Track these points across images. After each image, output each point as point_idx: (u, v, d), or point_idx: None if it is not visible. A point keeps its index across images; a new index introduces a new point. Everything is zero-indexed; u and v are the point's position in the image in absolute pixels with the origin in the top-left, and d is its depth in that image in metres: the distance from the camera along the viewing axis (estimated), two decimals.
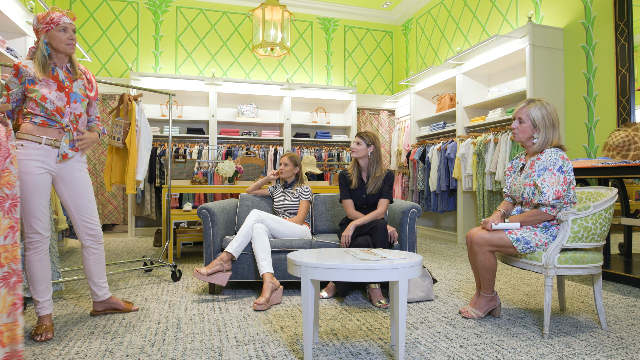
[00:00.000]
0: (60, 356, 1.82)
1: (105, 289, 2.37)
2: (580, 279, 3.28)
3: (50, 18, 2.07)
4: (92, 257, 2.31)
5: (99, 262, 2.33)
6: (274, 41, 4.31)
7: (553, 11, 4.27)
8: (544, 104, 2.19)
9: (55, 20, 2.07)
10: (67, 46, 2.12)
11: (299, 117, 6.68)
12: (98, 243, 2.32)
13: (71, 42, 2.13)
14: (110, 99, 6.04)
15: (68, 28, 2.11)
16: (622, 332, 2.09)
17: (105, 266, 2.42)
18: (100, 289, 2.35)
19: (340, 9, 6.94)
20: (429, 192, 5.60)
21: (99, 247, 2.32)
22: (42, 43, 2.08)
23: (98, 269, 2.33)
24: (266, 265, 2.68)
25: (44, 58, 2.09)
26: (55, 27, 2.08)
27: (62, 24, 2.09)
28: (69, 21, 2.13)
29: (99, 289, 2.34)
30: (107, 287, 2.38)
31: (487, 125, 4.82)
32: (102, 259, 2.36)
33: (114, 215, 6.04)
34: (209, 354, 1.84)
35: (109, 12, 6.05)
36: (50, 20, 2.07)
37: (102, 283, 2.36)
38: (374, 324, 2.24)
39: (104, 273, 2.37)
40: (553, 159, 2.09)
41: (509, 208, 2.38)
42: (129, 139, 3.07)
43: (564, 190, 2.05)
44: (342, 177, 3.00)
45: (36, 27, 2.09)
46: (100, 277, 2.34)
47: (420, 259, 1.77)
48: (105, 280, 2.38)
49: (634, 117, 3.48)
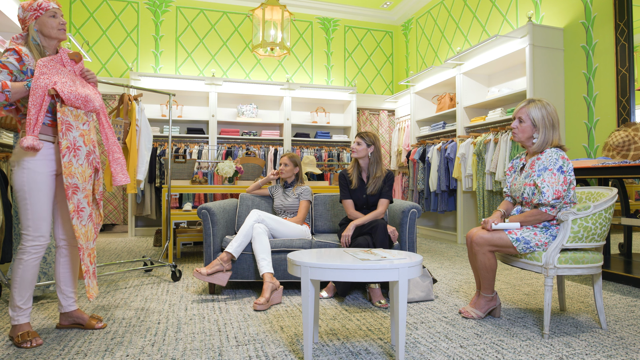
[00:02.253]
0: (60, 356, 1.82)
1: (72, 300, 2.17)
2: (580, 279, 3.28)
3: (37, 4, 1.98)
4: (64, 259, 2.15)
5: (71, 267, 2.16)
6: (274, 41, 4.31)
7: (553, 11, 4.27)
8: (544, 104, 2.19)
9: (43, 6, 1.99)
10: (59, 31, 2.03)
11: (299, 117, 6.68)
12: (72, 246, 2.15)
13: (62, 27, 2.05)
14: (111, 99, 6.04)
15: (57, 13, 2.03)
16: (622, 332, 2.09)
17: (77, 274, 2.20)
18: (66, 298, 2.16)
19: (340, 9, 6.94)
20: (429, 192, 5.60)
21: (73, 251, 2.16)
22: (34, 31, 1.99)
23: (68, 275, 2.16)
24: (266, 265, 2.68)
25: (39, 47, 2.00)
26: (44, 12, 1.99)
27: (52, 9, 2.01)
28: (57, 6, 2.04)
29: (64, 299, 2.15)
30: (73, 298, 2.17)
31: (487, 125, 4.82)
32: (75, 265, 2.18)
33: (114, 215, 6.04)
34: (209, 354, 1.84)
35: (109, 12, 6.05)
36: (37, 6, 1.98)
37: (70, 292, 2.17)
38: (374, 324, 2.24)
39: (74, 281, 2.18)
40: (553, 158, 2.09)
41: (509, 208, 2.38)
42: (129, 138, 3.07)
43: (563, 190, 2.05)
44: (342, 177, 3.00)
45: (23, 15, 1.99)
46: (68, 284, 2.16)
47: (420, 259, 1.77)
48: (74, 290, 2.19)
49: (634, 117, 3.48)
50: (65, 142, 1.96)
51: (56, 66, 2.01)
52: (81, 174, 2.04)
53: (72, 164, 1.99)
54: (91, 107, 2.09)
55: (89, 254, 2.08)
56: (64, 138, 1.95)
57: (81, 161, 2.04)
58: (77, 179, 2.01)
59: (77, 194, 2.02)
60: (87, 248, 2.06)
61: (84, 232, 2.05)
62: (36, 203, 1.95)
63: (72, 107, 2.01)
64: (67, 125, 1.98)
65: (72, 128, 2.00)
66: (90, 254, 2.10)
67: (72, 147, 1.99)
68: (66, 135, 1.97)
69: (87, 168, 2.08)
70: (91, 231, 2.11)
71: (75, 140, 2.01)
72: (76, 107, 2.02)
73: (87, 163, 2.08)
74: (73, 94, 1.99)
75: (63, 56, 2.07)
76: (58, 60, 2.04)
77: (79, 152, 2.03)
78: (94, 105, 2.11)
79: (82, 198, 2.04)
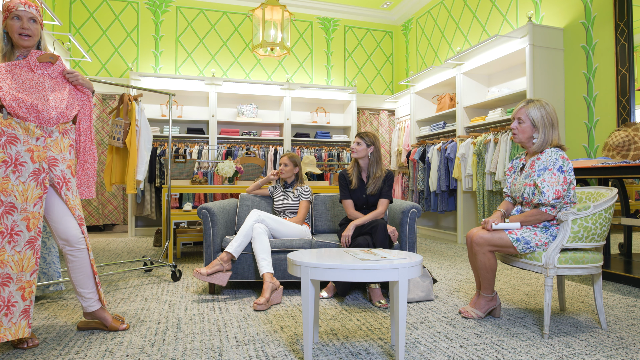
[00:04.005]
0: (60, 356, 1.82)
1: (91, 300, 2.08)
2: (580, 279, 3.28)
3: (7, 5, 1.88)
4: (71, 264, 2.02)
5: (80, 270, 2.04)
6: (274, 41, 4.31)
7: (553, 11, 4.27)
8: (542, 104, 2.19)
9: (10, 7, 1.88)
10: (18, 36, 1.90)
11: (299, 117, 6.68)
12: (75, 249, 2.01)
13: (23, 31, 1.90)
14: (110, 99, 6.04)
15: (22, 16, 1.89)
16: (622, 332, 2.09)
17: (91, 274, 2.08)
18: (84, 299, 2.07)
19: (340, 9, 6.94)
20: (429, 192, 5.60)
21: (76, 254, 2.02)
22: (1, 32, 1.93)
23: (79, 277, 2.04)
24: (266, 265, 2.68)
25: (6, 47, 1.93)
26: (9, 14, 1.88)
27: (15, 12, 1.88)
28: (23, 8, 1.90)
29: (83, 300, 2.08)
30: (93, 299, 2.09)
31: (487, 125, 4.82)
32: (84, 266, 2.04)
33: (114, 215, 6.04)
34: (209, 354, 1.84)
35: (109, 12, 6.05)
36: (6, 7, 1.88)
37: (87, 293, 2.07)
38: (374, 324, 2.24)
39: (89, 282, 2.07)
40: (553, 158, 2.09)
41: (509, 208, 2.38)
42: (129, 139, 3.07)
43: (564, 190, 2.05)
44: (342, 177, 3.00)
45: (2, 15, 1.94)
46: (83, 286, 2.06)
47: (420, 259, 1.77)
48: (93, 290, 2.09)
49: (634, 117, 3.48)
50: (2, 154, 1.80)
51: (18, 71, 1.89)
52: (21, 192, 1.83)
53: (8, 179, 1.81)
54: (44, 118, 1.91)
55: (21, 287, 1.82)
56: (1, 150, 1.80)
57: (23, 179, 1.84)
58: (15, 198, 1.82)
59: (13, 215, 1.81)
60: (17, 280, 1.81)
61: (17, 260, 1.81)
62: None
63: (17, 118, 1.85)
64: (10, 137, 1.82)
65: (17, 142, 1.84)
66: (23, 287, 1.83)
67: (12, 162, 1.82)
68: (5, 148, 1.80)
69: (34, 188, 1.87)
70: (30, 260, 1.86)
71: (18, 155, 1.84)
72: (21, 117, 1.86)
73: (35, 182, 1.87)
74: (16, 102, 1.84)
75: (31, 60, 1.95)
76: (24, 65, 1.93)
77: (21, 168, 1.84)
78: (47, 115, 1.92)
79: (20, 220, 1.83)
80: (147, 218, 5.99)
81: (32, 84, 1.93)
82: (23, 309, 1.83)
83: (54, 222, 1.98)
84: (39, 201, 1.88)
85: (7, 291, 1.79)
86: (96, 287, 2.10)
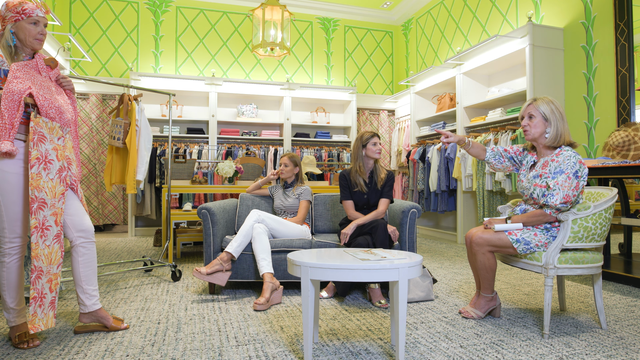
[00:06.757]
0: (60, 356, 1.82)
1: (95, 298, 2.08)
2: (580, 279, 3.28)
3: (22, 8, 1.92)
4: (82, 257, 2.04)
5: (89, 265, 2.07)
6: (274, 41, 4.31)
7: (553, 11, 4.27)
8: (549, 99, 2.19)
9: (27, 12, 1.92)
10: (35, 40, 1.96)
11: (299, 117, 6.68)
12: (89, 241, 2.07)
13: (41, 37, 1.97)
14: (110, 99, 6.04)
15: (40, 22, 1.96)
16: (622, 332, 2.09)
17: (96, 271, 2.11)
18: (89, 297, 2.07)
19: (340, 9, 6.94)
20: (429, 192, 5.60)
21: (89, 246, 2.07)
22: (8, 32, 1.92)
23: (88, 272, 2.06)
24: (266, 265, 2.68)
25: (10, 48, 1.94)
26: (26, 18, 1.92)
27: (35, 17, 1.94)
28: (42, 15, 1.97)
29: (87, 298, 2.06)
30: (97, 297, 2.10)
31: (487, 125, 4.82)
32: (93, 261, 2.08)
33: (114, 215, 6.04)
34: (209, 354, 1.84)
35: (109, 12, 6.05)
36: (22, 10, 1.91)
37: (92, 290, 2.08)
38: (374, 324, 2.24)
39: (94, 279, 2.08)
40: (571, 162, 2.05)
41: (480, 151, 2.55)
42: (129, 139, 3.07)
43: (573, 196, 2.02)
44: (342, 177, 3.00)
45: (4, 14, 1.92)
46: (89, 282, 2.07)
47: (420, 259, 1.77)
48: (96, 288, 2.10)
49: (634, 117, 3.48)
50: (35, 152, 1.85)
51: (30, 72, 1.93)
52: (50, 189, 1.90)
53: (40, 176, 1.87)
54: (65, 119, 2.00)
55: (49, 279, 1.90)
56: (34, 148, 1.85)
57: (52, 175, 1.91)
58: (46, 194, 1.88)
59: (44, 210, 1.88)
60: (47, 272, 1.89)
61: (47, 253, 1.89)
62: (9, 205, 1.87)
63: (46, 117, 1.92)
64: (39, 135, 1.88)
65: (45, 140, 1.90)
66: (51, 280, 1.91)
67: (43, 159, 1.89)
68: (37, 146, 1.86)
69: (59, 185, 1.94)
70: (57, 254, 1.93)
71: (47, 152, 1.91)
72: (50, 117, 1.93)
73: (59, 179, 1.94)
74: (48, 102, 1.92)
75: (39, 62, 1.99)
76: (33, 66, 1.96)
77: (50, 165, 1.91)
78: (67, 117, 2.01)
79: (49, 215, 1.90)
80: (147, 218, 5.99)
81: (44, 85, 1.97)
82: (51, 300, 1.91)
83: (71, 216, 2.05)
84: (62, 197, 1.97)
85: (40, 283, 1.87)
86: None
